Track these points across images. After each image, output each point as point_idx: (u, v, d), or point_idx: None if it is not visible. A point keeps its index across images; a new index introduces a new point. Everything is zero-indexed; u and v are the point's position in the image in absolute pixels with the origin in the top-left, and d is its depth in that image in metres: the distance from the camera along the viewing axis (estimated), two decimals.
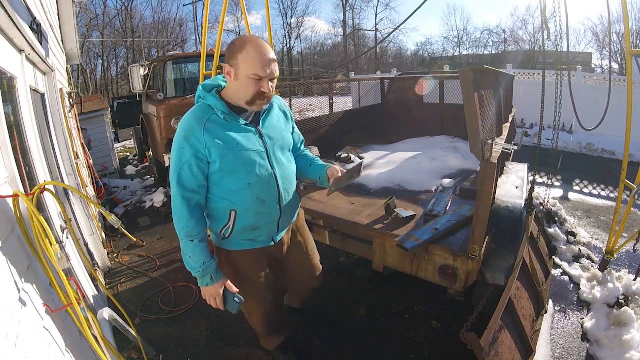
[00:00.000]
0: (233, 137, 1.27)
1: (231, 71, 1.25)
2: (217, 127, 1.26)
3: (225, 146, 1.25)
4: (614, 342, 2.00)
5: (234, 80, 1.25)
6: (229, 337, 2.22)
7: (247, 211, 1.34)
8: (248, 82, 1.23)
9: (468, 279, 1.81)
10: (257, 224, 1.40)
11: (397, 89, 5.04)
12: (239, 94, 1.27)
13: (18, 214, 1.20)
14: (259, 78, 1.23)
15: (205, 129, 1.23)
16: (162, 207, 4.60)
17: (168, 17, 21.69)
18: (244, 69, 1.22)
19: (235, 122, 1.29)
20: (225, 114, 1.28)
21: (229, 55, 1.25)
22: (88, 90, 15.51)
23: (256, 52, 1.21)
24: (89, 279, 2.15)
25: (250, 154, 1.30)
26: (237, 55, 1.22)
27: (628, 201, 2.60)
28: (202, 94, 1.32)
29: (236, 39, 1.28)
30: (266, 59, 1.22)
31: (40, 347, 1.03)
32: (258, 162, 1.32)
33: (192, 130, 1.24)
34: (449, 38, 24.12)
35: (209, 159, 1.26)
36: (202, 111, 1.28)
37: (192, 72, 5.77)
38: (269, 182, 1.35)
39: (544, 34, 2.72)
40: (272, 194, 1.37)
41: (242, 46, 1.22)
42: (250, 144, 1.31)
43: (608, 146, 6.32)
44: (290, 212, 1.51)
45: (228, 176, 1.29)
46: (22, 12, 1.83)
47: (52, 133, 2.43)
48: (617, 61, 17.08)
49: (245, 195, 1.31)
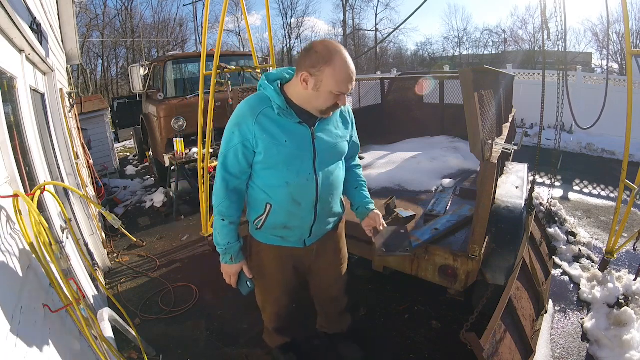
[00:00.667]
0: (282, 133, 1.25)
1: (309, 80, 1.19)
2: (269, 120, 1.25)
3: (272, 141, 1.24)
4: (614, 342, 2.00)
5: (311, 89, 1.20)
6: (229, 337, 2.22)
7: (281, 209, 1.34)
8: (329, 97, 1.21)
9: (468, 279, 1.80)
10: (288, 224, 1.39)
11: (397, 89, 5.03)
12: (313, 102, 1.25)
13: (18, 214, 1.20)
14: (340, 94, 1.22)
15: (256, 120, 1.24)
16: (162, 207, 4.60)
17: (168, 17, 21.68)
18: (328, 83, 1.18)
19: (290, 119, 1.26)
20: (281, 109, 1.25)
21: (310, 63, 1.18)
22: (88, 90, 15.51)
23: (344, 69, 1.17)
24: (89, 279, 2.15)
25: (295, 153, 1.27)
26: (324, 68, 1.17)
27: (628, 201, 2.60)
28: (263, 84, 1.29)
29: (318, 45, 1.20)
30: (352, 76, 1.20)
31: (40, 347, 1.03)
32: (301, 164, 1.29)
33: (244, 118, 1.25)
34: (449, 38, 24.11)
35: (255, 148, 1.27)
36: (258, 101, 1.27)
37: (192, 72, 5.77)
38: (308, 185, 1.32)
39: (544, 34, 2.72)
40: (308, 198, 1.34)
41: (330, 59, 1.16)
42: (299, 143, 1.27)
43: (608, 146, 6.32)
44: (326, 220, 1.47)
45: (269, 170, 1.30)
46: (22, 12, 1.83)
47: (52, 133, 2.43)
48: (617, 61, 17.07)
49: (281, 192, 1.31)
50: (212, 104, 3.10)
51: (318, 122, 1.32)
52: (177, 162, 4.18)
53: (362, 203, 1.53)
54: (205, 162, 3.23)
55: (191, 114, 4.54)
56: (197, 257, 3.31)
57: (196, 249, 3.45)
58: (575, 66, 8.57)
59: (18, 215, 1.19)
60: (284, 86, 1.30)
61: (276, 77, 1.31)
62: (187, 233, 3.81)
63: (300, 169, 1.29)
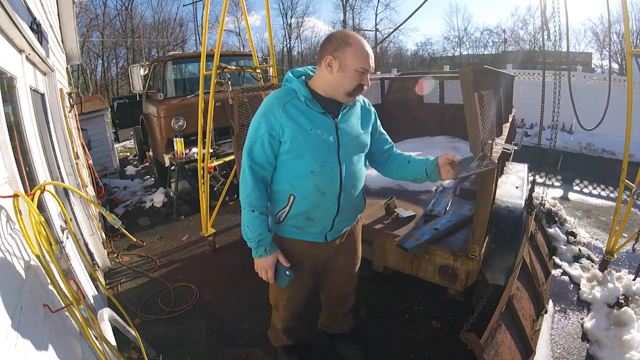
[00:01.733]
0: (308, 121, 1.30)
1: (334, 63, 1.27)
2: (296, 109, 1.30)
3: (299, 128, 1.28)
4: (614, 342, 2.00)
5: (336, 71, 1.28)
6: (229, 337, 2.22)
7: (305, 199, 1.35)
8: (354, 75, 1.27)
9: (468, 279, 1.81)
10: (312, 214, 1.39)
11: (397, 89, 5.03)
12: (340, 84, 1.29)
13: (18, 214, 1.20)
14: (364, 71, 1.28)
15: (284, 109, 1.28)
16: (162, 207, 4.60)
17: (168, 17, 21.65)
18: (352, 62, 1.26)
19: (315, 109, 1.32)
20: (307, 99, 1.31)
21: (332, 47, 1.27)
22: (88, 90, 15.51)
23: (364, 47, 1.27)
24: (89, 279, 2.15)
25: (321, 141, 1.32)
26: (345, 49, 1.25)
27: (628, 201, 2.60)
28: (289, 78, 1.37)
29: (336, 33, 1.32)
30: (370, 53, 1.28)
31: (40, 347, 1.03)
32: (326, 152, 1.33)
33: (271, 108, 1.29)
34: (449, 38, 24.08)
35: (281, 138, 1.29)
36: (285, 93, 1.33)
37: (192, 72, 5.77)
38: (333, 175, 1.35)
39: (544, 34, 2.72)
40: (333, 188, 1.37)
41: (348, 40, 1.26)
42: (324, 132, 1.32)
43: (608, 146, 6.32)
44: (349, 214, 1.49)
45: (294, 160, 1.32)
46: (22, 12, 1.83)
47: (52, 133, 2.43)
48: (617, 61, 17.07)
49: (306, 182, 1.33)
50: (212, 104, 3.10)
51: (341, 113, 1.37)
52: (177, 162, 4.18)
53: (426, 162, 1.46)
54: (205, 162, 3.22)
55: (191, 114, 4.54)
56: (197, 257, 3.31)
57: (196, 249, 3.45)
58: (575, 66, 8.56)
59: (18, 215, 1.19)
60: (308, 81, 1.37)
61: (301, 73, 1.39)
62: (187, 233, 3.81)
63: (326, 158, 1.33)
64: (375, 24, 24.51)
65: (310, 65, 1.44)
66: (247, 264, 1.74)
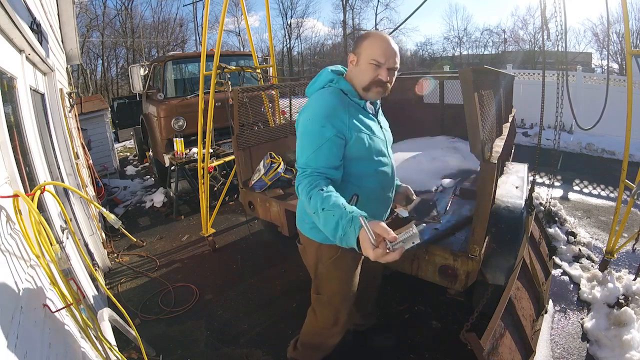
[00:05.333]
0: (368, 123, 1.33)
1: (354, 59, 1.30)
2: (357, 111, 1.31)
3: (364, 131, 1.29)
4: (614, 342, 2.00)
5: (355, 66, 1.30)
6: (229, 337, 2.22)
7: (369, 197, 1.34)
8: (367, 68, 1.27)
9: (468, 279, 1.80)
10: (374, 212, 1.38)
11: (396, 89, 5.02)
12: (358, 79, 1.31)
13: (18, 214, 1.20)
14: (377, 64, 1.25)
15: (348, 111, 1.26)
16: (162, 207, 4.60)
17: (168, 17, 21.62)
18: (365, 55, 1.26)
19: (367, 110, 1.36)
20: (358, 98, 1.33)
21: (354, 45, 1.31)
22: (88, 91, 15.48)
23: (379, 40, 1.26)
24: (89, 279, 2.15)
25: (380, 141, 1.37)
26: (362, 43, 1.28)
27: (628, 201, 2.60)
28: (335, 78, 1.35)
29: (363, 34, 1.34)
30: (387, 48, 1.26)
31: (41, 347, 1.03)
32: (383, 151, 1.38)
33: (336, 110, 1.24)
34: (449, 38, 24.05)
35: (349, 140, 1.26)
36: (340, 95, 1.30)
37: (192, 72, 5.77)
38: (390, 171, 1.42)
39: (543, 34, 2.72)
40: (390, 183, 1.44)
41: (368, 36, 1.29)
42: (379, 132, 1.38)
43: (608, 146, 6.31)
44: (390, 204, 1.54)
45: (359, 161, 1.31)
46: (22, 12, 1.82)
47: (52, 133, 2.43)
48: (617, 61, 17.05)
49: (371, 181, 1.35)
50: (212, 104, 3.11)
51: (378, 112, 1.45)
52: (177, 162, 4.18)
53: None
54: (205, 162, 3.23)
55: (191, 114, 4.54)
56: (197, 257, 3.31)
57: (196, 249, 3.45)
58: (575, 66, 8.56)
59: (18, 215, 1.19)
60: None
61: (339, 71, 1.39)
62: (187, 233, 3.81)
63: (385, 156, 1.39)
64: (375, 24, 24.48)
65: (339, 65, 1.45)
66: (247, 264, 1.74)
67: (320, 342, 1.70)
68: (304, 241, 1.51)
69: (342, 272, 1.47)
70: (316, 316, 1.63)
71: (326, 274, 1.47)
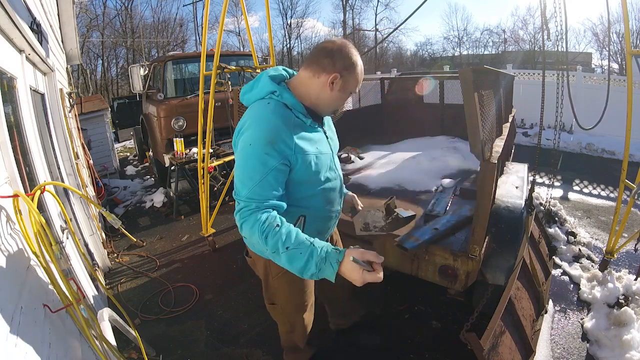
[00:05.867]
0: (314, 141, 1.20)
1: (337, 82, 1.16)
2: (301, 129, 1.17)
3: (310, 152, 1.17)
4: (614, 342, 2.00)
5: (337, 91, 1.18)
6: (229, 337, 2.22)
7: (317, 217, 1.30)
8: (344, 97, 1.23)
9: (468, 279, 1.80)
10: (322, 228, 1.36)
11: (397, 89, 5.03)
12: (334, 103, 1.24)
13: (18, 214, 1.20)
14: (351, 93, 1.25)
15: (293, 132, 1.12)
16: (162, 207, 4.60)
17: (168, 17, 21.64)
18: (353, 84, 1.20)
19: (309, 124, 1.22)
20: (303, 115, 1.18)
21: (342, 65, 1.15)
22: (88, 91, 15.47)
23: (362, 71, 1.21)
24: (89, 279, 2.15)
25: (325, 157, 1.25)
26: (354, 70, 1.18)
27: (628, 201, 2.60)
28: (277, 89, 1.16)
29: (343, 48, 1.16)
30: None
31: (41, 347, 1.03)
32: (330, 166, 1.28)
33: (279, 133, 1.09)
34: (449, 38, 24.08)
35: (294, 166, 1.15)
36: (283, 111, 1.14)
37: (192, 72, 5.77)
38: (337, 183, 1.33)
39: (543, 34, 2.72)
40: (338, 196, 1.36)
41: (356, 63, 1.18)
42: (324, 146, 1.26)
43: (608, 146, 6.32)
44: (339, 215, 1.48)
45: (305, 184, 1.20)
46: (22, 12, 1.82)
47: (52, 133, 2.43)
48: (617, 61, 17.05)
49: (318, 200, 1.26)
50: (212, 104, 3.11)
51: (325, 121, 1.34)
52: (177, 162, 4.18)
53: None
54: (205, 162, 3.23)
55: (191, 114, 4.54)
56: (197, 257, 3.31)
57: (196, 249, 3.46)
58: (575, 66, 8.56)
59: (18, 215, 1.19)
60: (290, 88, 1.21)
61: (280, 77, 1.23)
62: (187, 233, 3.81)
63: (331, 170, 1.29)
64: (375, 24, 24.49)
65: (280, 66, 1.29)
66: (247, 264, 1.74)
67: (292, 345, 1.72)
68: (253, 255, 1.45)
69: (293, 286, 1.43)
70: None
71: (277, 287, 1.44)
